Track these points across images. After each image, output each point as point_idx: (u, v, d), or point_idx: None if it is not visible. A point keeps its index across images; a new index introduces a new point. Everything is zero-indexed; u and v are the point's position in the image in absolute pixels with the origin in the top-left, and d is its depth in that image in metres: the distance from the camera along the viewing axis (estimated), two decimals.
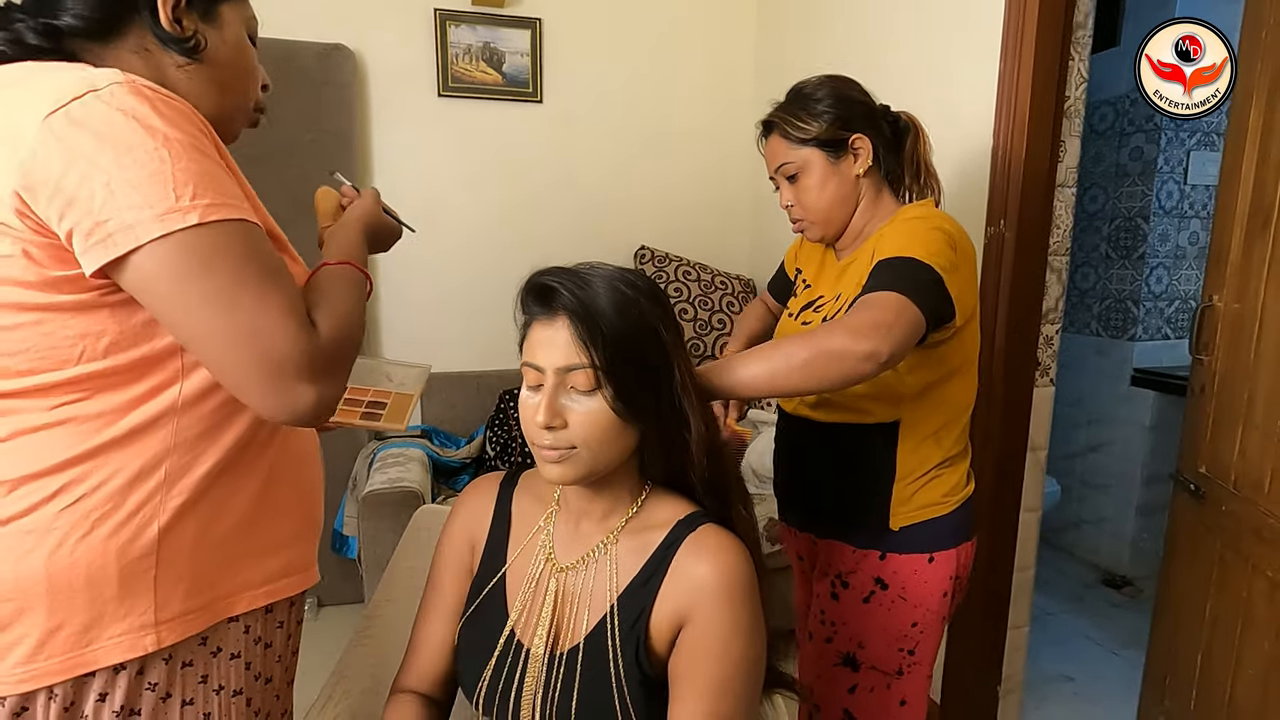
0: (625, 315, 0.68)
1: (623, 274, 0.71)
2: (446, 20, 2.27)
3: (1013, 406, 1.52)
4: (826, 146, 1.06)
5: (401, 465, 1.93)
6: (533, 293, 0.71)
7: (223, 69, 0.70)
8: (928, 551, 1.07)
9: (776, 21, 2.45)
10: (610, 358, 0.66)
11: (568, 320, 0.67)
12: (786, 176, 1.10)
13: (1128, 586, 2.58)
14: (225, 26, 0.69)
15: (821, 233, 1.12)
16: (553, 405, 0.67)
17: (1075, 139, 1.49)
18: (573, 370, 0.67)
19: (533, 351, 0.70)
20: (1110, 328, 2.71)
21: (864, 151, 1.07)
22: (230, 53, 0.70)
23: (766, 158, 1.13)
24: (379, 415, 0.93)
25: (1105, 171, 2.69)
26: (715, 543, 0.69)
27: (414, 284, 2.39)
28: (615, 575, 0.70)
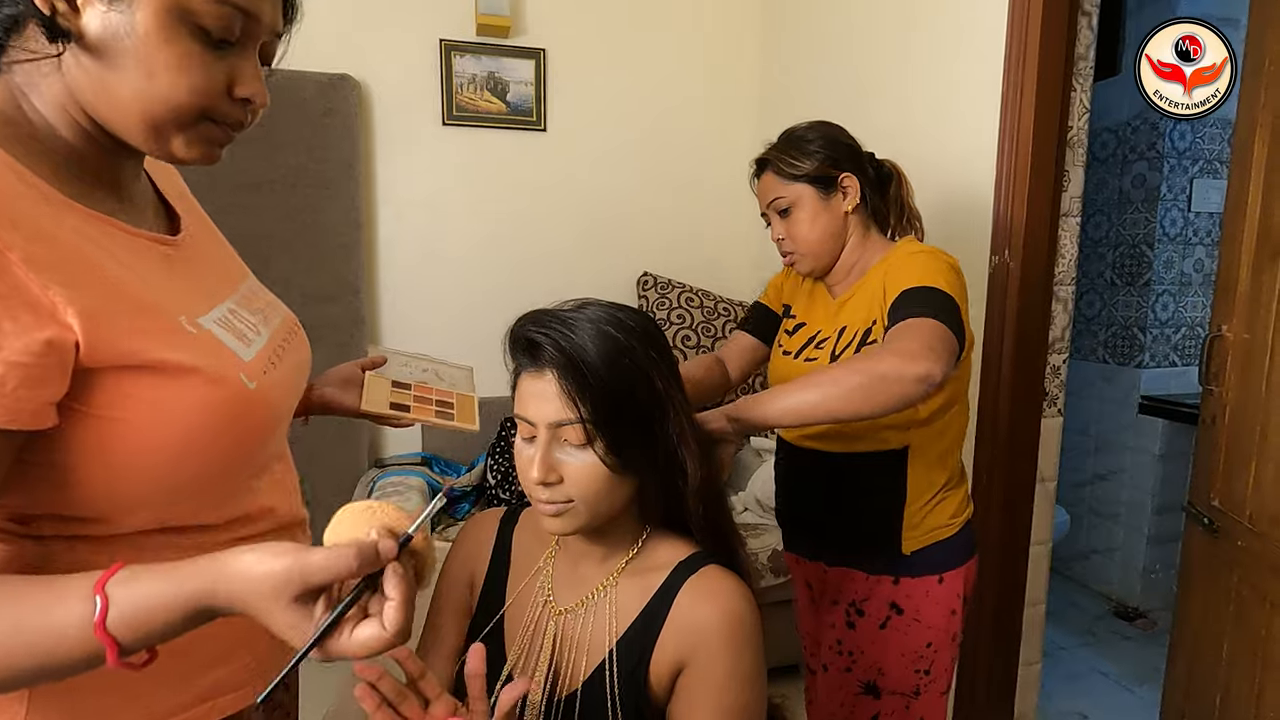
0: (614, 365, 0.65)
1: (613, 315, 0.68)
2: (451, 50, 2.30)
3: (1020, 438, 1.49)
4: (817, 183, 1.12)
5: (401, 494, 1.91)
6: (518, 344, 0.69)
7: (124, 63, 0.51)
8: (938, 573, 1.11)
9: (780, 53, 2.47)
10: (600, 411, 0.64)
11: (556, 374, 0.65)
12: (779, 211, 1.15)
13: (1141, 619, 2.53)
14: (137, 8, 0.50)
15: (812, 265, 1.16)
16: (547, 461, 0.66)
17: (1079, 168, 1.48)
18: (564, 425, 0.65)
19: (524, 404, 0.68)
20: (1117, 354, 2.69)
21: (852, 189, 1.13)
22: (137, 45, 0.51)
23: (759, 194, 1.19)
24: (451, 414, 0.95)
25: (1108, 198, 2.69)
26: (718, 585, 0.67)
27: (417, 311, 2.39)
28: (614, 619, 0.69)
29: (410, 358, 1.03)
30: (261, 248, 2.10)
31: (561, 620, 0.72)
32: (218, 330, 0.59)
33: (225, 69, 0.55)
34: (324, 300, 2.18)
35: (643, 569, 0.71)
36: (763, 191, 1.18)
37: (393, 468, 2.23)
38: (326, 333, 2.18)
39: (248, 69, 0.56)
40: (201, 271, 0.64)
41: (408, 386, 0.95)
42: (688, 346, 2.35)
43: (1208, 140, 2.52)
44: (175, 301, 0.57)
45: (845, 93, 2.04)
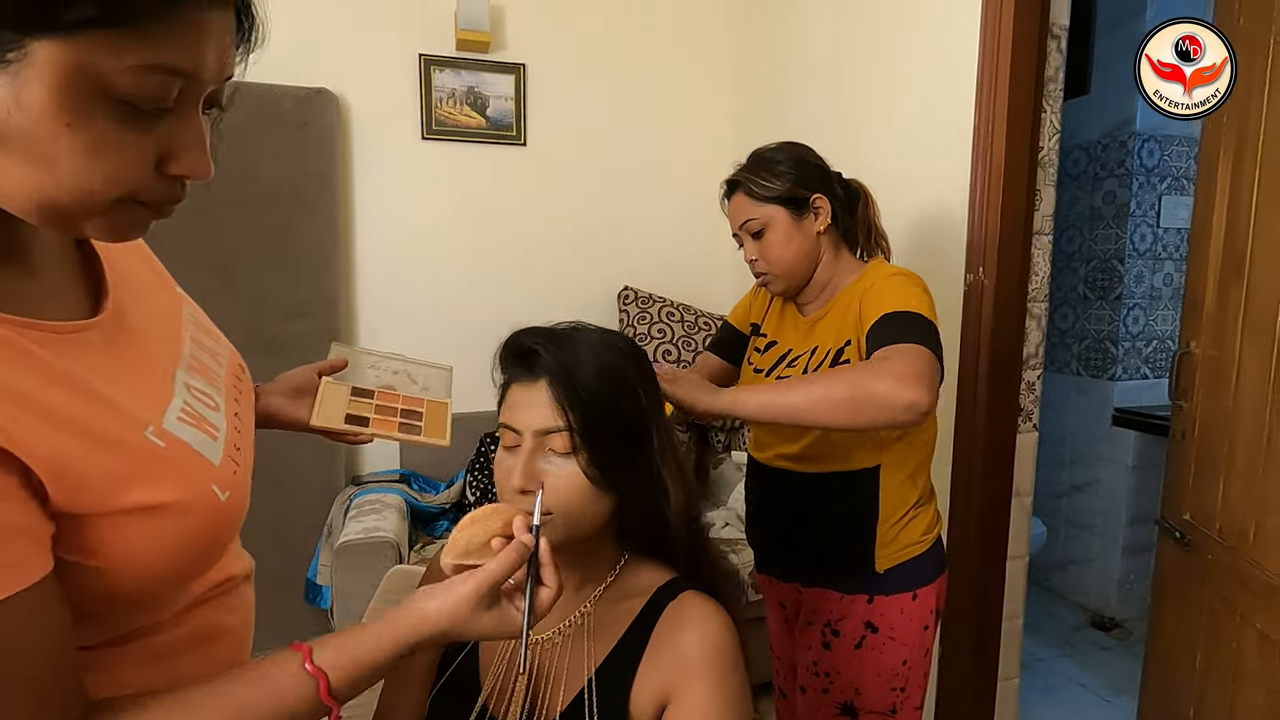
0: (606, 380, 0.67)
1: (605, 337, 0.72)
2: (430, 65, 2.30)
3: (996, 453, 1.51)
4: (789, 204, 1.13)
5: (378, 513, 1.89)
6: (513, 354, 0.70)
7: (10, 147, 0.39)
8: (911, 590, 1.13)
9: (756, 70, 2.49)
10: (587, 422, 0.65)
11: (548, 383, 0.67)
12: (751, 233, 1.15)
13: (1116, 628, 2.56)
14: (28, 80, 0.37)
15: (785, 285, 1.17)
16: (529, 468, 0.66)
17: (1050, 187, 1.51)
18: (551, 433, 0.66)
19: (511, 413, 0.69)
20: (1090, 367, 2.73)
21: (824, 210, 1.14)
22: (30, 127, 0.38)
23: (730, 215, 1.19)
24: (418, 428, 0.85)
25: (1080, 214, 2.74)
26: (699, 611, 0.66)
27: (395, 325, 2.37)
28: (592, 647, 0.68)
29: (381, 358, 0.93)
30: (237, 262, 2.07)
31: (537, 649, 0.70)
32: (183, 431, 0.52)
33: (155, 142, 0.42)
34: (300, 315, 2.15)
35: (620, 595, 0.70)
36: (734, 213, 1.18)
37: (370, 485, 2.20)
38: (303, 348, 2.14)
39: (186, 137, 0.43)
40: (146, 337, 0.55)
41: (369, 394, 0.84)
42: (668, 361, 2.35)
43: (1175, 158, 2.58)
44: (135, 403, 0.49)
45: (821, 110, 2.06)
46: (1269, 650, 1.15)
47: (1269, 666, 1.15)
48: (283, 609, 2.13)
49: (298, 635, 2.20)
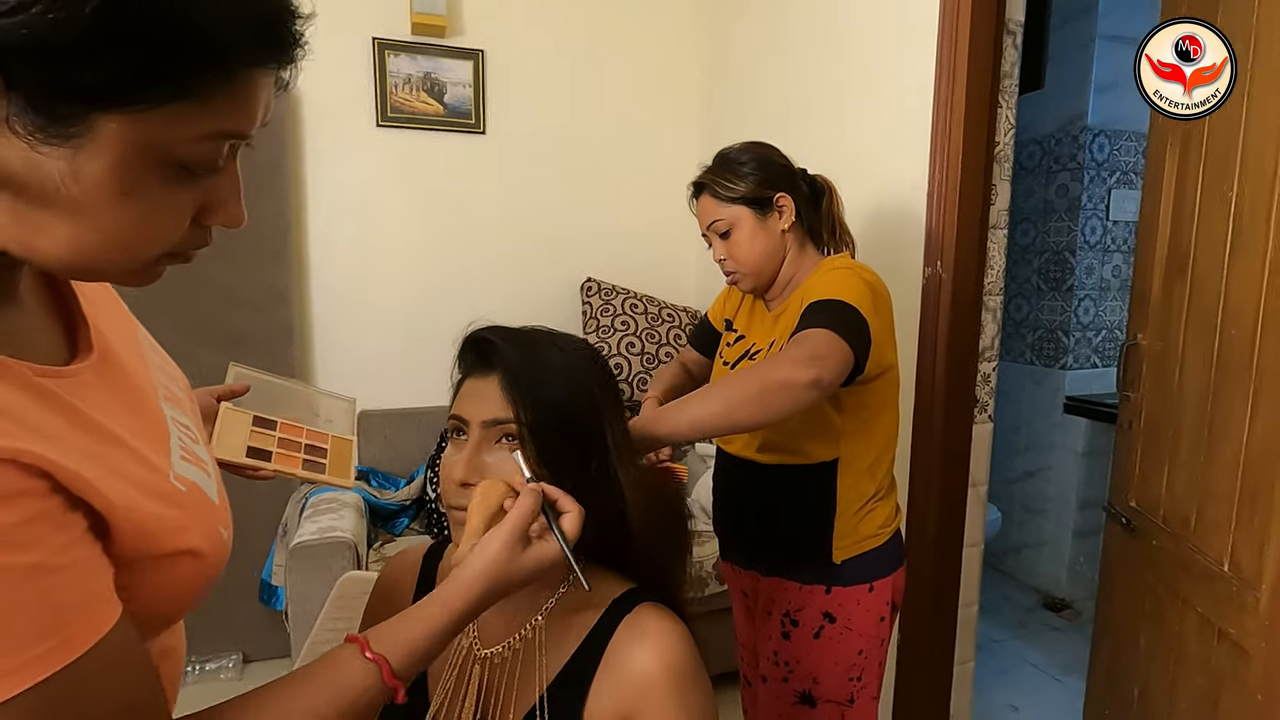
0: (561, 377, 0.67)
1: (567, 338, 0.71)
2: (385, 49, 2.23)
3: (953, 444, 1.53)
4: (754, 204, 1.15)
5: (335, 512, 1.84)
6: (471, 348, 0.69)
7: (59, 209, 0.37)
8: (868, 581, 1.15)
9: (721, 61, 2.48)
10: (537, 416, 0.64)
11: (501, 375, 0.66)
12: (718, 233, 1.18)
13: (1067, 609, 2.65)
14: (90, 155, 0.36)
15: (753, 283, 1.20)
16: (473, 461, 0.64)
17: (1006, 182, 1.53)
18: (498, 424, 0.64)
19: (461, 403, 0.68)
20: (1043, 357, 2.80)
21: (788, 208, 1.16)
22: (83, 195, 0.37)
23: (698, 216, 1.22)
24: (322, 465, 0.81)
25: (1035, 207, 2.80)
26: (655, 626, 0.65)
27: (351, 318, 2.31)
28: (544, 662, 0.66)
29: (281, 384, 0.88)
30: None
31: (487, 663, 0.68)
32: (188, 471, 0.50)
33: (198, 195, 0.42)
34: (251, 309, 2.08)
35: (574, 607, 0.68)
36: (702, 214, 1.20)
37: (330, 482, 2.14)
38: (254, 342, 2.08)
39: (226, 190, 0.43)
40: (132, 371, 0.52)
41: (273, 425, 0.79)
42: (631, 353, 2.34)
43: (1125, 153, 2.65)
44: (149, 447, 0.47)
45: (786, 104, 2.06)
46: (1208, 633, 1.19)
47: (1208, 649, 1.19)
48: (236, 611, 2.07)
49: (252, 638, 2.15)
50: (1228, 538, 1.13)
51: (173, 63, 0.36)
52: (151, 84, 0.36)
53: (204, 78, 0.37)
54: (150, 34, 0.35)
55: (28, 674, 0.34)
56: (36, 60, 0.33)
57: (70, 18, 0.32)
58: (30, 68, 0.33)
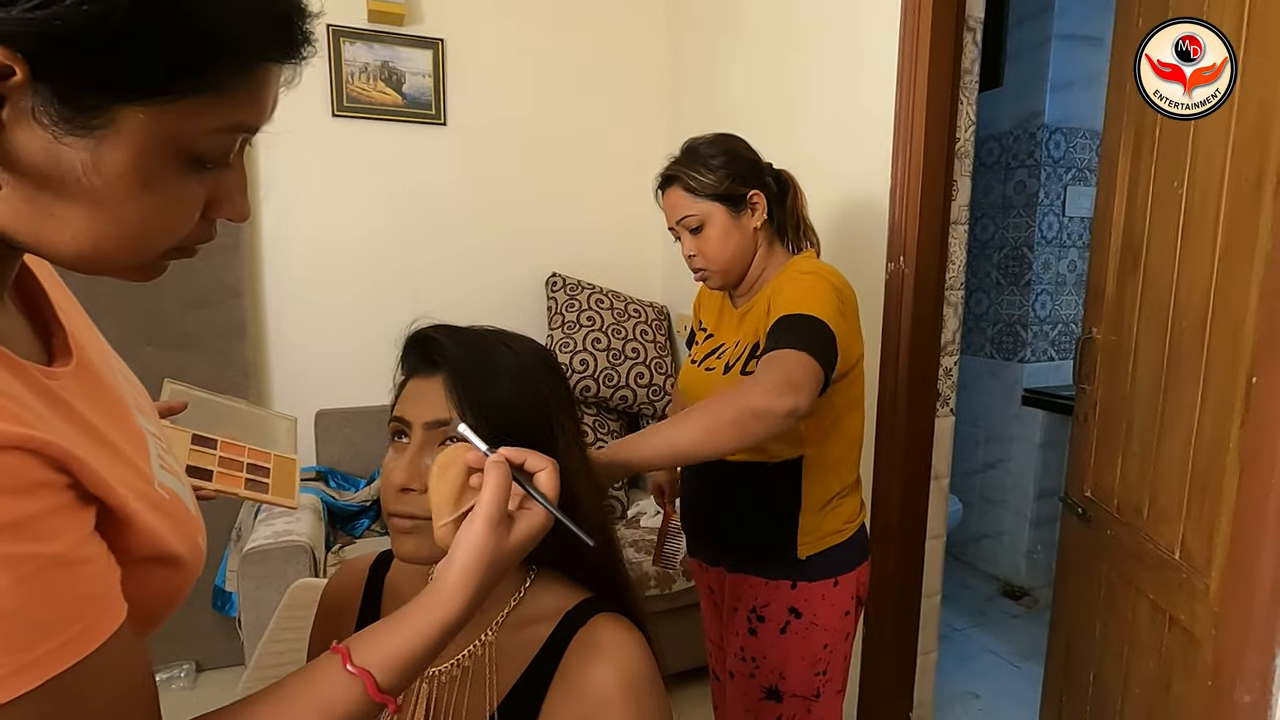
0: (511, 378, 0.63)
1: (515, 338, 0.68)
2: (340, 37, 2.16)
3: (916, 437, 1.55)
4: (727, 201, 1.12)
5: (290, 515, 1.78)
6: (414, 347, 0.66)
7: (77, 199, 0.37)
8: (833, 576, 1.15)
9: (686, 53, 2.46)
10: (484, 418, 0.60)
11: (447, 375, 0.62)
12: (689, 228, 1.14)
13: (1025, 597, 2.71)
14: (111, 146, 0.36)
15: (723, 281, 1.18)
16: (414, 465, 0.61)
17: (966, 178, 1.55)
18: (441, 426, 0.61)
19: (402, 405, 0.64)
20: (1002, 350, 2.86)
21: (760, 206, 1.14)
22: (102, 186, 0.37)
23: (667, 210, 1.18)
24: (265, 485, 0.78)
25: (994, 202, 2.85)
26: (610, 637, 0.62)
27: (307, 315, 2.24)
28: (494, 680, 0.63)
29: (219, 402, 0.84)
30: None
31: (435, 681, 0.65)
32: (170, 481, 0.49)
33: (206, 189, 0.42)
34: (200, 305, 2.00)
35: (525, 620, 0.65)
36: (671, 207, 1.17)
37: None
38: (204, 340, 2.00)
39: (232, 183, 0.44)
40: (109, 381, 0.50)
41: (213, 444, 0.77)
42: (598, 349, 2.31)
43: (1079, 150, 2.71)
44: (135, 453, 0.46)
45: (750, 98, 2.05)
46: (1160, 620, 1.22)
47: (1159, 635, 1.22)
48: (188, 617, 1.99)
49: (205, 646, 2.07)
50: (1178, 526, 1.16)
51: (197, 55, 0.36)
52: (175, 77, 0.36)
53: (225, 71, 0.38)
54: (178, 27, 0.35)
55: (48, 665, 0.34)
56: (67, 52, 0.33)
57: (106, 10, 0.33)
58: (60, 59, 0.33)
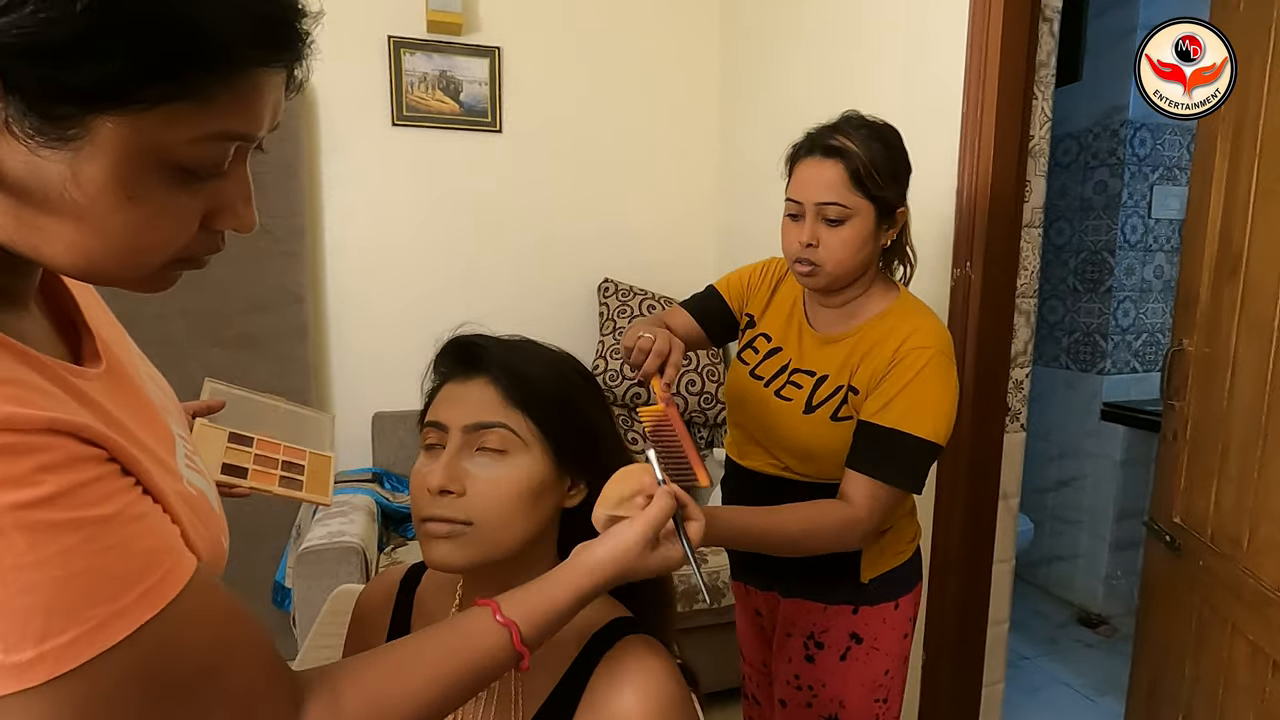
0: (550, 380, 0.64)
1: (556, 349, 0.69)
2: (401, 48, 2.20)
3: (982, 454, 1.46)
4: (883, 207, 0.99)
5: (345, 516, 1.82)
6: (452, 353, 0.65)
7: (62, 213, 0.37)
8: (894, 599, 1.10)
9: (741, 55, 2.42)
10: (546, 414, 0.62)
11: (488, 378, 0.62)
12: (828, 217, 0.98)
13: (1103, 625, 2.53)
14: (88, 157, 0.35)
15: (827, 284, 1.03)
16: (453, 467, 0.59)
17: (1040, 178, 1.45)
18: (484, 429, 0.60)
19: (436, 409, 0.63)
20: (1079, 361, 2.69)
21: (900, 224, 1.04)
22: (84, 200, 0.36)
23: (806, 183, 0.99)
24: (299, 482, 0.79)
25: (1071, 205, 2.69)
26: (637, 664, 0.59)
27: (365, 319, 2.29)
28: (520, 703, 0.60)
29: (258, 400, 0.86)
30: None
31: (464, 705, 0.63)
32: (196, 479, 0.49)
33: (203, 201, 0.41)
34: (263, 309, 2.07)
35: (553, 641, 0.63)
36: (817, 184, 0.97)
37: (342, 484, 2.12)
38: (267, 343, 2.07)
39: (234, 193, 0.42)
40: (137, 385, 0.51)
41: (249, 441, 0.78)
42: None
43: (1168, 147, 2.53)
44: (165, 450, 0.46)
45: (807, 98, 1.99)
46: (1261, 663, 1.10)
47: (1260, 680, 1.10)
48: None
49: None
50: None
51: (168, 61, 0.35)
52: (146, 83, 0.35)
53: (202, 77, 0.36)
54: (143, 32, 0.34)
55: (135, 615, 0.35)
56: (31, 60, 0.33)
57: (61, 16, 0.32)
58: (26, 68, 0.33)
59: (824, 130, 1.00)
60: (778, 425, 1.07)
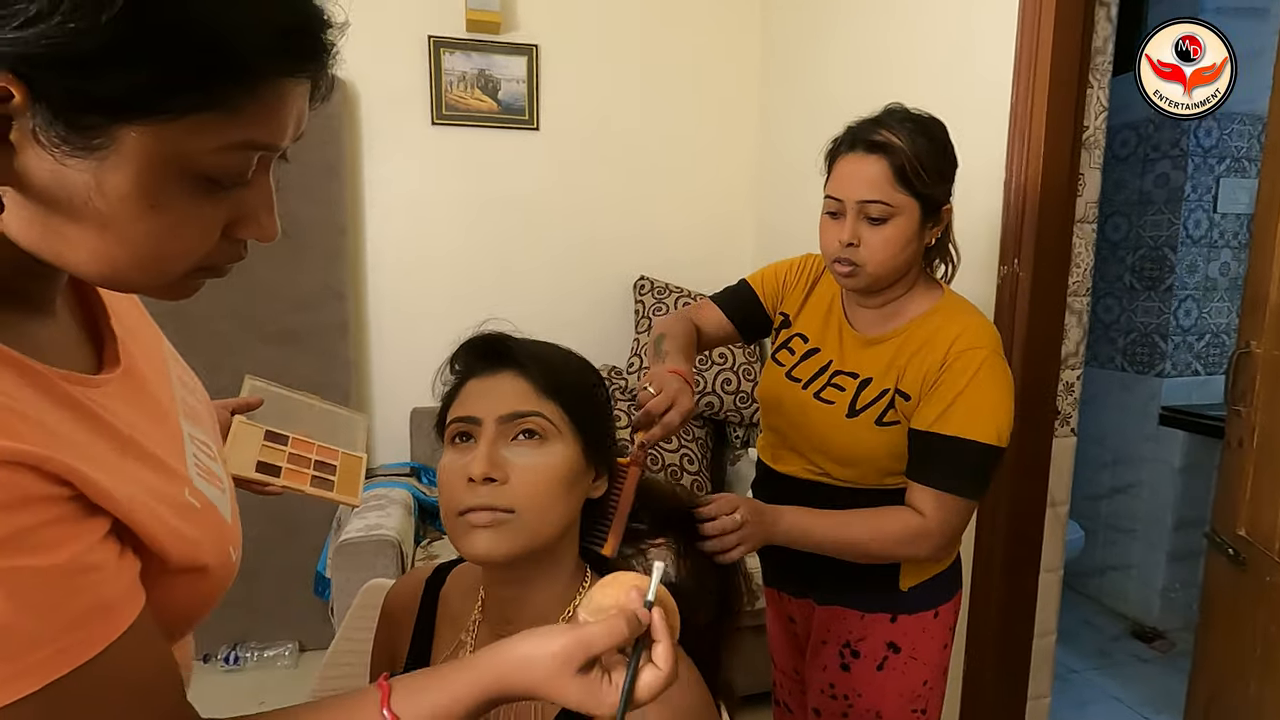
0: (580, 371, 0.67)
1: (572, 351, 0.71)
2: (440, 47, 2.23)
3: (1028, 459, 1.40)
4: (928, 204, 0.95)
5: (382, 509, 1.85)
6: (477, 348, 0.66)
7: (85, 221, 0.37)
8: (933, 607, 1.07)
9: (781, 50, 2.37)
10: (576, 403, 0.63)
11: (517, 371, 0.63)
12: (870, 215, 0.93)
13: (1159, 639, 2.42)
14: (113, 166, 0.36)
15: (868, 285, 1.00)
16: (494, 455, 0.60)
17: (1095, 170, 1.38)
18: (521, 418, 0.61)
19: (463, 404, 0.63)
20: (1136, 362, 2.57)
21: (944, 223, 1.00)
22: (108, 208, 0.37)
23: (848, 178, 0.95)
24: (330, 483, 0.80)
25: (1128, 199, 2.57)
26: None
27: (405, 316, 2.32)
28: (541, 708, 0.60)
29: (295, 398, 0.87)
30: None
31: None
32: (206, 489, 0.49)
33: (226, 210, 0.41)
34: (307, 307, 2.11)
35: None
36: (861, 181, 0.93)
37: (380, 478, 2.16)
38: (309, 339, 2.12)
39: (256, 202, 0.42)
40: (153, 383, 0.51)
41: (284, 440, 0.79)
42: None
43: (1235, 137, 2.39)
44: (171, 460, 0.46)
45: (850, 90, 1.94)
46: None
47: None
48: (292, 600, 2.12)
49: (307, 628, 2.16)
50: None
51: (193, 72, 0.35)
52: (171, 94, 0.35)
53: (228, 87, 0.36)
54: (168, 44, 0.34)
55: (43, 672, 0.34)
56: (58, 71, 0.33)
57: (88, 28, 0.32)
58: (53, 78, 0.33)
59: (866, 124, 0.96)
60: (818, 429, 1.05)
